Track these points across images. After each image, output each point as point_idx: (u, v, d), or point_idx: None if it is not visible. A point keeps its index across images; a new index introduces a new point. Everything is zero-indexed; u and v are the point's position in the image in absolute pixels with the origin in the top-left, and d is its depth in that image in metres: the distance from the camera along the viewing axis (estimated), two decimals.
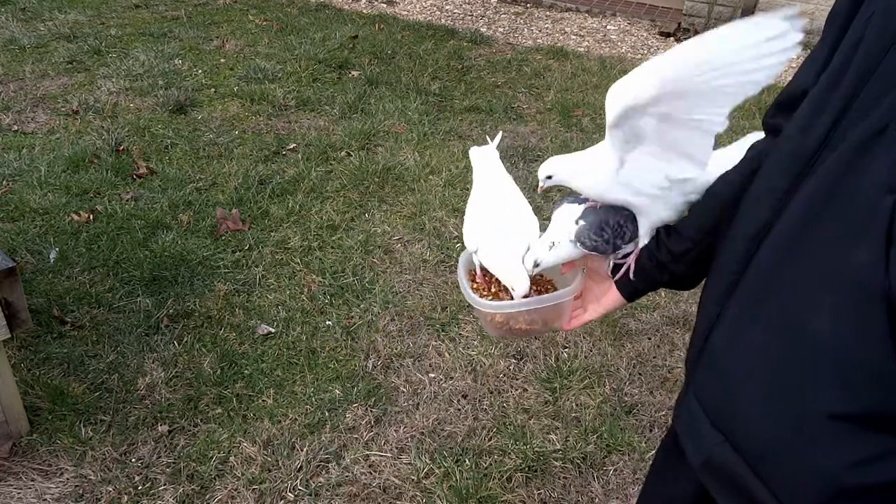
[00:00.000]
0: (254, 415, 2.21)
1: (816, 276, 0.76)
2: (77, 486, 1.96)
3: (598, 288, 1.20)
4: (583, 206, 1.15)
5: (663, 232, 1.10)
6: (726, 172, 1.03)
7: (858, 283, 0.72)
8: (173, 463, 2.04)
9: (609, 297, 1.17)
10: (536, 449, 2.15)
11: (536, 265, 1.16)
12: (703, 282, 1.04)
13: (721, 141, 1.04)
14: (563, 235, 1.15)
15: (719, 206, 1.01)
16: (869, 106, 0.73)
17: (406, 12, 6.13)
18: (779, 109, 0.95)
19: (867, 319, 0.72)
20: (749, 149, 1.01)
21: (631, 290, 1.15)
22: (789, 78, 0.96)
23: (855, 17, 0.79)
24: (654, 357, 2.55)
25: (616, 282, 1.16)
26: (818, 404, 0.76)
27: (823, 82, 0.80)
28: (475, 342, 2.55)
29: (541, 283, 1.31)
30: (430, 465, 2.08)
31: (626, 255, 1.15)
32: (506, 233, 1.22)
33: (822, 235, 0.76)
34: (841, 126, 0.76)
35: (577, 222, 1.13)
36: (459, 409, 2.29)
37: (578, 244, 1.13)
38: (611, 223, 1.11)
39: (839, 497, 0.77)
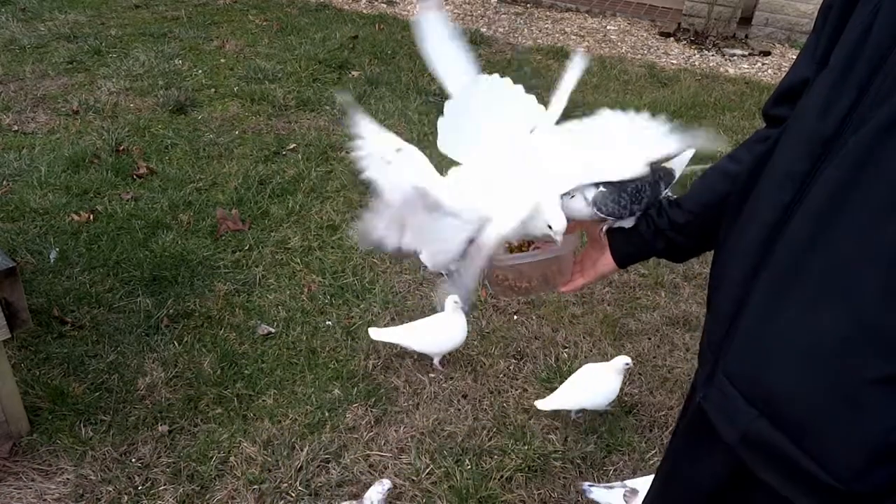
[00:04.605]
0: (254, 415, 2.21)
1: (852, 251, 0.78)
2: (77, 486, 1.96)
3: (596, 254, 1.23)
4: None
5: (665, 202, 1.13)
6: (735, 149, 1.06)
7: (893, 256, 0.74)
8: (173, 463, 2.04)
9: (602, 262, 1.20)
10: (536, 449, 2.15)
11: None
12: (697, 263, 1.05)
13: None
14: (577, 192, 1.13)
15: (725, 180, 1.04)
16: (890, 88, 0.76)
17: (406, 12, 6.13)
18: (780, 100, 0.98)
19: None
20: (754, 134, 1.04)
21: (623, 255, 1.18)
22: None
23: (855, 8, 0.82)
24: (654, 357, 2.55)
25: (610, 247, 1.18)
26: (860, 370, 0.78)
27: (835, 68, 0.83)
28: (475, 342, 2.55)
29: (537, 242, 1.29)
30: (430, 465, 2.08)
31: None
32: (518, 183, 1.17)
33: (855, 211, 0.78)
34: (859, 109, 0.78)
35: (597, 186, 1.12)
36: (459, 409, 2.29)
37: (594, 208, 1.12)
38: (629, 190, 1.11)
39: (886, 458, 0.79)
